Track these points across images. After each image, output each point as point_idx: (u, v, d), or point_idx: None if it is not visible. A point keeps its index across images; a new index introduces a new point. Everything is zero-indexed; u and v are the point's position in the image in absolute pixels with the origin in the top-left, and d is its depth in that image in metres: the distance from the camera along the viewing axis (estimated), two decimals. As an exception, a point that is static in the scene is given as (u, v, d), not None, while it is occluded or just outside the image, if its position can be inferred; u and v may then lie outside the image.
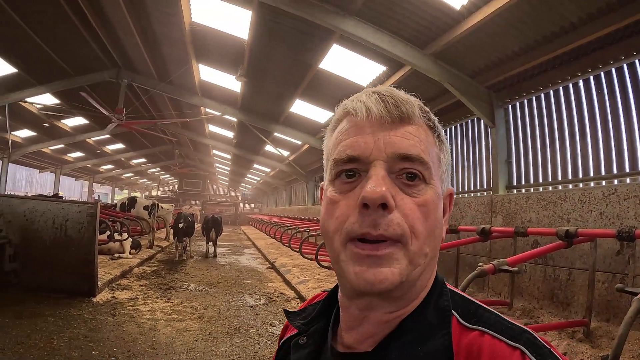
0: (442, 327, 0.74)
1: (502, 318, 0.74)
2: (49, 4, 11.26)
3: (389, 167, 0.75)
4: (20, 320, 6.10)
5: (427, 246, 0.75)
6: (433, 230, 0.76)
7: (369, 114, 0.77)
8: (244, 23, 10.54)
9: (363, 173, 0.76)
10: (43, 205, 8.01)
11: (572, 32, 6.82)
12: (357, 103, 0.80)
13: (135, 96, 18.78)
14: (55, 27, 12.64)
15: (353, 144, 0.77)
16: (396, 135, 0.76)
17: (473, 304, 0.78)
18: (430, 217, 0.75)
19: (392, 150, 0.75)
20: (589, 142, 7.23)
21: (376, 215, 0.71)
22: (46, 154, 29.59)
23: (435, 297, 0.79)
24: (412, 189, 0.75)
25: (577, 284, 5.90)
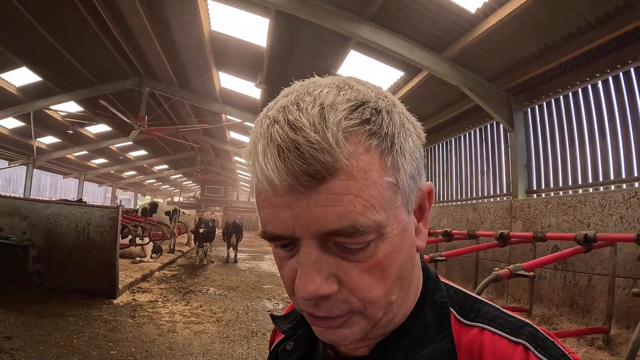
0: (443, 328, 0.68)
1: (501, 311, 0.69)
2: (73, 15, 11.58)
3: (321, 242, 0.59)
4: (42, 320, 6.22)
5: (391, 295, 0.64)
6: (398, 277, 0.64)
7: (273, 186, 0.58)
8: (262, 31, 10.67)
9: (297, 241, 0.61)
10: (66, 209, 8.21)
11: (589, 32, 6.76)
12: (257, 169, 0.59)
13: (157, 103, 19.09)
14: (78, 37, 12.97)
15: (271, 219, 0.61)
16: (317, 204, 0.57)
17: (469, 298, 0.73)
18: (388, 272, 0.62)
19: (317, 227, 0.57)
20: (609, 144, 7.15)
21: (318, 301, 0.61)
22: (70, 160, 30.21)
23: (430, 294, 0.73)
24: (356, 255, 0.60)
25: (597, 290, 5.81)
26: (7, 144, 23.26)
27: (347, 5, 8.42)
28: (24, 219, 8.00)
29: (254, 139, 0.62)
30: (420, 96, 10.86)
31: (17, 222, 7.97)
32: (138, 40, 13.80)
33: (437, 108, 11.23)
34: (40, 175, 34.49)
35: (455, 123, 11.16)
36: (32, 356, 4.88)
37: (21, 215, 8.01)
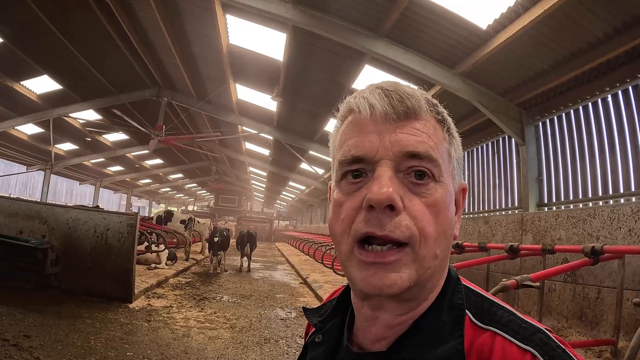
0: (456, 328, 0.72)
1: (516, 316, 0.71)
2: (95, 27, 11.97)
3: (396, 166, 0.71)
4: (60, 320, 6.39)
5: (437, 248, 0.72)
6: (444, 230, 0.73)
7: (372, 111, 0.74)
8: (279, 45, 10.89)
9: (369, 173, 0.73)
10: (85, 214, 8.44)
11: (598, 47, 6.86)
12: (360, 100, 0.76)
13: (175, 114, 19.40)
14: (100, 48, 13.36)
15: (358, 144, 0.74)
16: (402, 132, 0.72)
17: (487, 301, 0.76)
18: (441, 217, 0.72)
19: (399, 148, 0.71)
20: (618, 158, 7.21)
21: (383, 216, 0.69)
22: (87, 167, 30.70)
23: (449, 294, 0.77)
24: (421, 188, 0.72)
25: (606, 303, 5.81)
26: (26, 149, 23.80)
27: (362, 22, 8.62)
28: (43, 222, 8.24)
29: (356, 95, 0.80)
30: (433, 111, 10.97)
31: (37, 225, 8.23)
32: (158, 52, 14.15)
33: (450, 122, 11.31)
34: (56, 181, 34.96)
35: (468, 137, 11.24)
36: (51, 355, 5.03)
37: (41, 219, 8.26)
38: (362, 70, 10.60)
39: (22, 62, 13.50)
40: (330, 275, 12.97)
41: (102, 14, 11.37)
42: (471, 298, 0.77)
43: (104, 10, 11.29)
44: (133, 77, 16.21)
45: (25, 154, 24.81)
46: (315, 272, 15.25)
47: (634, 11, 6.05)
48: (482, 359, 0.67)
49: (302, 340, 6.13)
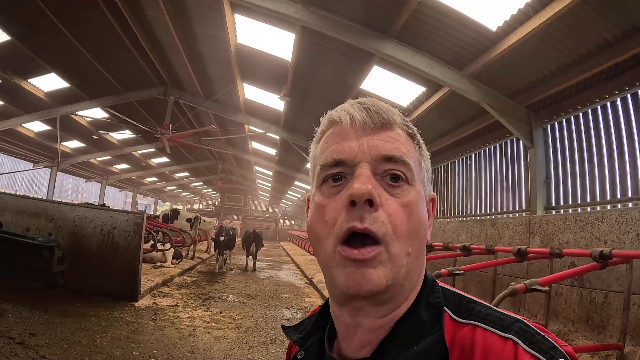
0: (435, 324, 0.76)
1: (494, 309, 0.75)
2: (103, 26, 12.01)
3: (374, 168, 0.79)
4: (66, 319, 6.43)
5: (409, 246, 0.77)
6: (416, 230, 0.79)
7: (352, 121, 0.82)
8: (287, 45, 10.89)
9: (349, 176, 0.79)
10: (92, 212, 8.47)
11: (608, 49, 6.81)
12: (341, 112, 0.85)
13: (182, 113, 19.44)
14: (107, 47, 13.40)
15: (338, 149, 0.81)
16: (379, 139, 0.81)
17: (464, 299, 0.80)
18: (414, 217, 0.78)
19: (376, 152, 0.79)
20: (627, 162, 7.16)
21: (363, 211, 0.75)
22: (93, 165, 30.83)
23: (426, 295, 0.82)
24: (395, 189, 0.79)
25: (613, 307, 5.80)
26: (33, 147, 23.96)
27: (372, 24, 8.60)
28: (50, 220, 8.29)
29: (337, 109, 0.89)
30: (441, 111, 10.96)
31: (43, 223, 8.27)
32: (165, 51, 14.17)
33: (457, 123, 11.31)
34: (62, 178, 35.17)
35: (476, 139, 11.21)
36: (56, 353, 5.06)
37: (48, 217, 8.30)
38: (371, 71, 10.56)
39: (30, 60, 13.56)
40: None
41: (110, 13, 11.41)
42: (448, 297, 0.81)
43: (112, 10, 11.32)
44: (140, 76, 16.25)
45: (32, 151, 24.96)
46: (321, 272, 15.21)
47: (644, 14, 6.03)
48: (464, 351, 0.71)
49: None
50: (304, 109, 15.23)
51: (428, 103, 10.80)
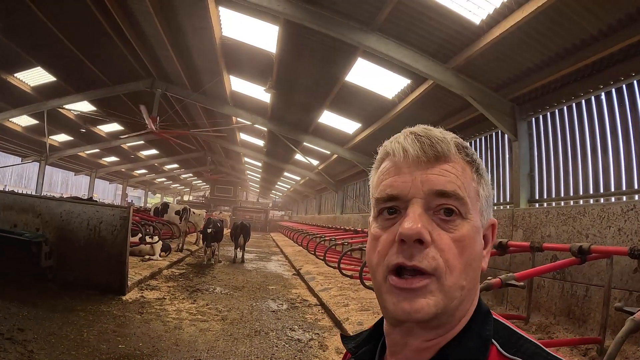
0: (480, 356, 0.76)
1: (542, 349, 0.75)
2: (88, 19, 11.92)
3: (426, 203, 0.78)
4: (54, 314, 6.43)
5: (463, 280, 0.78)
6: (470, 263, 0.79)
7: (406, 155, 0.81)
8: (272, 37, 10.88)
9: (403, 210, 0.79)
10: (79, 207, 8.45)
11: (593, 44, 6.85)
12: (395, 144, 0.84)
13: (169, 105, 19.37)
14: (93, 40, 13.33)
15: (392, 184, 0.81)
16: (432, 173, 0.79)
17: (515, 334, 0.80)
18: (467, 251, 0.78)
19: (429, 187, 0.78)
20: (610, 156, 7.23)
21: (413, 249, 0.75)
22: (82, 158, 30.71)
23: (478, 325, 0.81)
24: (448, 224, 0.78)
25: (593, 301, 5.83)
26: (21, 141, 23.84)
27: (355, 16, 8.60)
28: (37, 216, 8.26)
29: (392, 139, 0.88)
30: (426, 104, 11.00)
31: (31, 218, 8.24)
32: (151, 44, 14.12)
33: (442, 116, 11.35)
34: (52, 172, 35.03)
35: (461, 131, 11.22)
36: (44, 348, 5.08)
37: (35, 212, 8.27)
38: (355, 63, 10.58)
39: (15, 54, 13.49)
40: (324, 267, 13.01)
41: (94, 6, 11.32)
42: (499, 330, 0.81)
43: (97, 2, 11.23)
44: (127, 69, 16.18)
45: (20, 145, 24.87)
46: (309, 263, 15.31)
47: (629, 9, 6.04)
48: None
49: (292, 333, 6.25)
50: (290, 101, 15.27)
51: (413, 95, 10.84)
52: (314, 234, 17.33)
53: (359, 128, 15.53)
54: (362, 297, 9.10)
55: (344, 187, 25.29)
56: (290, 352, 6.06)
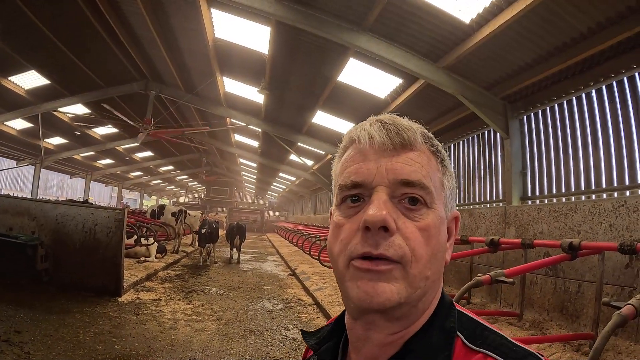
0: (445, 349, 0.74)
1: (508, 340, 0.73)
2: (82, 22, 11.92)
3: (391, 192, 0.77)
4: (50, 316, 6.49)
5: (428, 270, 0.76)
6: (435, 253, 0.77)
7: (371, 142, 0.79)
8: (264, 38, 10.88)
9: (367, 198, 0.78)
10: (74, 210, 8.48)
11: (582, 42, 6.87)
12: (360, 131, 0.82)
13: (164, 107, 19.37)
14: (87, 43, 13.32)
15: (357, 171, 0.79)
16: (398, 161, 0.78)
17: (480, 325, 0.78)
18: (432, 241, 0.76)
19: (394, 176, 0.76)
20: (601, 153, 7.26)
21: (378, 237, 0.73)
22: (77, 161, 30.55)
23: (442, 318, 0.79)
24: (414, 213, 0.76)
25: (586, 297, 5.87)
26: (16, 144, 23.72)
27: (346, 16, 8.62)
28: (33, 219, 8.29)
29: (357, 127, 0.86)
30: (418, 103, 11.04)
31: (26, 222, 8.29)
32: (144, 45, 14.10)
33: (434, 115, 11.38)
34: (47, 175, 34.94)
35: (453, 130, 11.30)
36: (41, 349, 5.13)
37: (30, 216, 8.31)
38: (347, 63, 10.61)
39: (9, 58, 13.44)
40: (319, 266, 13.07)
41: (88, 9, 11.30)
42: (464, 322, 0.79)
43: (90, 5, 11.23)
44: (121, 71, 16.14)
45: (15, 149, 24.74)
46: (304, 263, 15.37)
47: (618, 7, 6.08)
48: None
49: (287, 332, 6.28)
50: (284, 101, 15.28)
51: (405, 94, 10.88)
52: (309, 234, 17.38)
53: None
54: (356, 296, 9.12)
55: (339, 187, 25.24)
56: (285, 351, 6.10)
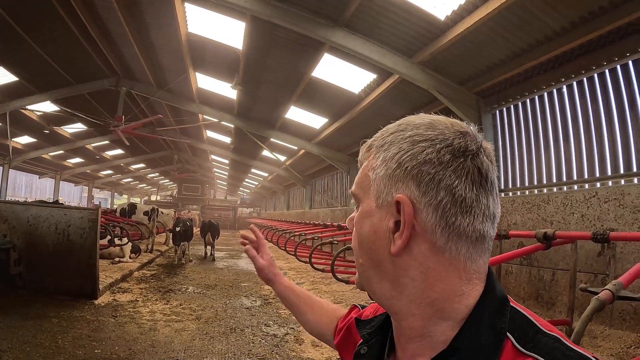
0: (493, 352, 0.70)
1: (562, 343, 0.69)
2: (51, 16, 11.57)
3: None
4: (26, 322, 6.31)
5: (360, 258, 0.85)
6: (360, 243, 0.84)
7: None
8: (238, 34, 10.80)
9: None
10: (46, 211, 8.26)
11: (555, 39, 7.07)
12: None
13: (135, 103, 19.04)
14: (56, 38, 12.94)
15: None
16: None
17: (533, 327, 0.73)
18: (357, 233, 0.85)
19: None
20: (572, 146, 7.47)
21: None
22: (46, 160, 29.83)
23: (491, 315, 0.74)
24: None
25: (560, 284, 6.04)
26: (-19, 145, 23.00)
27: (322, 12, 8.63)
28: (4, 221, 8.05)
29: None
30: (393, 98, 11.12)
31: (-3, 224, 8.04)
32: (116, 41, 13.82)
33: (408, 110, 11.43)
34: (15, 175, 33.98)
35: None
36: (19, 357, 5.00)
37: (1, 218, 8.06)
38: (322, 58, 10.62)
39: (-26, 54, 13.04)
40: (294, 262, 13.07)
41: (58, 3, 11.03)
42: (517, 322, 0.74)
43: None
44: (91, 67, 15.77)
45: (-19, 149, 24.01)
46: (280, 259, 15.37)
47: (591, 6, 6.26)
48: None
49: (268, 329, 6.28)
50: (257, 97, 15.21)
51: (379, 90, 10.96)
52: (284, 230, 17.35)
53: (326, 123, 15.62)
54: (334, 291, 9.21)
55: (312, 182, 25.40)
56: (267, 348, 6.09)
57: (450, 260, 0.76)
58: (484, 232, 0.76)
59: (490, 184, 0.78)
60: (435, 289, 0.76)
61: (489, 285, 0.78)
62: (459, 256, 0.76)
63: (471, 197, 0.75)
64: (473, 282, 0.77)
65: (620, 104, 6.80)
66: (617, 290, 3.33)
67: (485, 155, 0.78)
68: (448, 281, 0.76)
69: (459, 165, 0.75)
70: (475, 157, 0.76)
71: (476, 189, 0.75)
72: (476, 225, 0.75)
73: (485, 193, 0.76)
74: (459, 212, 0.74)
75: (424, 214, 0.75)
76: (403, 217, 0.76)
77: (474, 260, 0.77)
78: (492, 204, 0.78)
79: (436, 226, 0.75)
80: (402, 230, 0.76)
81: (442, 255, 0.75)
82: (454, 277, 0.76)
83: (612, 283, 3.48)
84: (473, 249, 0.76)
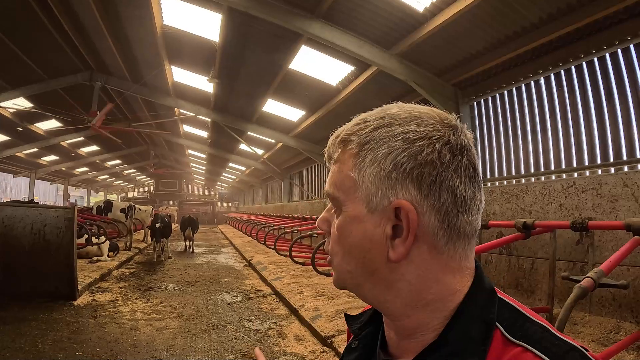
0: (483, 343, 0.69)
1: (551, 332, 0.69)
2: (22, 8, 11.22)
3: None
4: (5, 326, 6.20)
5: (346, 264, 0.79)
6: (349, 250, 0.78)
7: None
8: (214, 26, 10.64)
9: None
10: (21, 211, 8.07)
11: (533, 31, 7.12)
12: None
13: (109, 98, 18.69)
14: (27, 31, 12.55)
15: None
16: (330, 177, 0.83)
17: (522, 316, 0.73)
18: (343, 240, 0.79)
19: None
20: (549, 137, 7.57)
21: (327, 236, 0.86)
22: (20, 158, 29.12)
23: (480, 307, 0.74)
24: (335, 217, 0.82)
25: (540, 273, 6.13)
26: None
27: (299, 3, 8.55)
28: (-22, 223, 7.84)
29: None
30: (371, 90, 11.07)
31: (-29, 227, 7.82)
32: (89, 33, 13.47)
33: (386, 101, 10.91)
34: (-12, 175, 33.35)
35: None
36: (-1, 362, 4.91)
37: (-25, 220, 7.85)
38: (299, 50, 10.55)
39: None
40: (274, 256, 13.04)
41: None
42: (505, 313, 0.73)
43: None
44: (64, 62, 15.36)
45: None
46: (259, 253, 15.33)
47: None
48: None
49: (250, 324, 6.26)
50: (234, 90, 15.08)
51: (357, 81, 10.93)
52: (263, 224, 17.31)
53: (303, 115, 15.56)
54: (315, 284, 9.21)
55: (290, 175, 25.37)
56: (250, 343, 6.08)
57: (447, 260, 0.75)
58: (477, 228, 0.77)
59: (480, 177, 0.78)
60: (432, 291, 0.75)
61: (477, 278, 0.77)
62: (456, 255, 0.75)
63: (470, 195, 0.74)
64: (465, 278, 0.76)
65: (597, 96, 6.89)
66: (599, 278, 3.38)
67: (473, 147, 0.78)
68: (444, 282, 0.75)
69: (458, 165, 0.73)
70: (469, 152, 0.75)
71: (472, 185, 0.75)
72: (474, 223, 0.75)
73: (478, 188, 0.76)
74: (459, 212, 0.73)
75: (425, 217, 0.72)
76: (407, 224, 0.72)
77: (467, 257, 0.76)
78: (483, 198, 0.78)
79: (438, 229, 0.73)
80: (405, 237, 0.73)
81: (440, 256, 0.74)
82: (449, 277, 0.75)
83: (594, 271, 3.53)
84: (468, 245, 0.76)
